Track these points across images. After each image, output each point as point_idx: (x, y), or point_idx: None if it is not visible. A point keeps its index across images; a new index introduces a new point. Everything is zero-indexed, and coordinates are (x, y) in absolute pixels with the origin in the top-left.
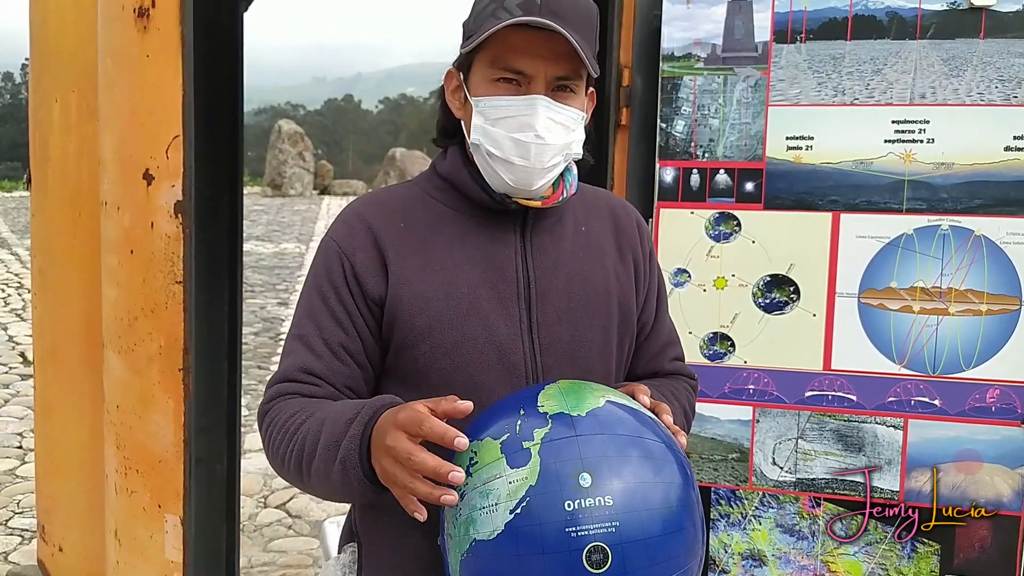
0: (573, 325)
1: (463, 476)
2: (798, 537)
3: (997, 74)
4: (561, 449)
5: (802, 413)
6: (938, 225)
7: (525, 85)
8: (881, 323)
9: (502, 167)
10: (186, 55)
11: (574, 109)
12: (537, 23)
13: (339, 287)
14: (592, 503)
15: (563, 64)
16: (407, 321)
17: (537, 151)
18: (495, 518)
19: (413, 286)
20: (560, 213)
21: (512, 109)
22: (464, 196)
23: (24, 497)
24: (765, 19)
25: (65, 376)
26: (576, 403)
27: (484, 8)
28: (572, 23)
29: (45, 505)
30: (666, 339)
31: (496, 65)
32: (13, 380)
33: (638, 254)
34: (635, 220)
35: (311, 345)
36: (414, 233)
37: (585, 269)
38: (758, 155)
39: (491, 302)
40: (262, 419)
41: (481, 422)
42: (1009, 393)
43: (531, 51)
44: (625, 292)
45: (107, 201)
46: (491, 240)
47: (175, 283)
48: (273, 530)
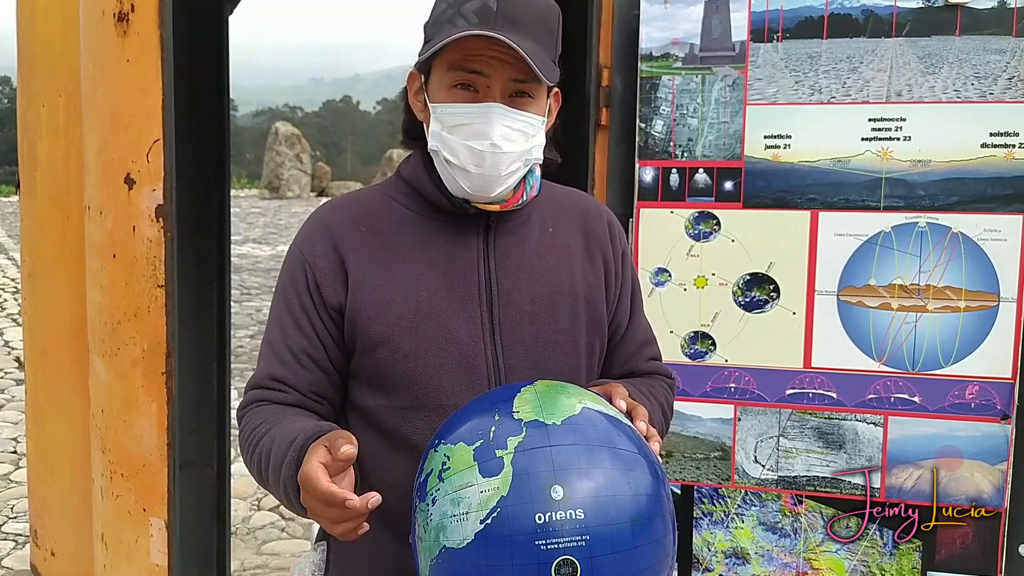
0: (537, 326)
1: (377, 498)
2: (781, 535)
3: (973, 71)
4: (534, 459)
5: (783, 411)
6: (916, 222)
7: (483, 91)
8: (860, 320)
9: (459, 174)
10: (166, 59)
11: (532, 115)
12: (491, 37)
13: (302, 295)
14: (563, 516)
15: (519, 68)
16: (366, 325)
17: (493, 160)
18: (465, 527)
19: (372, 291)
20: (525, 214)
21: (468, 117)
22: (425, 199)
23: (18, 502)
24: (742, 18)
25: (55, 380)
26: (552, 410)
27: (442, 13)
28: (529, 30)
29: (37, 509)
30: (642, 339)
31: (452, 69)
32: (8, 385)
33: (609, 254)
34: (607, 220)
35: (277, 352)
36: (375, 238)
37: (550, 269)
38: (737, 154)
39: (451, 304)
40: (238, 424)
41: (455, 422)
42: (988, 389)
43: (487, 57)
44: (594, 292)
45: (90, 205)
46: (453, 243)
47: (157, 287)
48: (266, 533)
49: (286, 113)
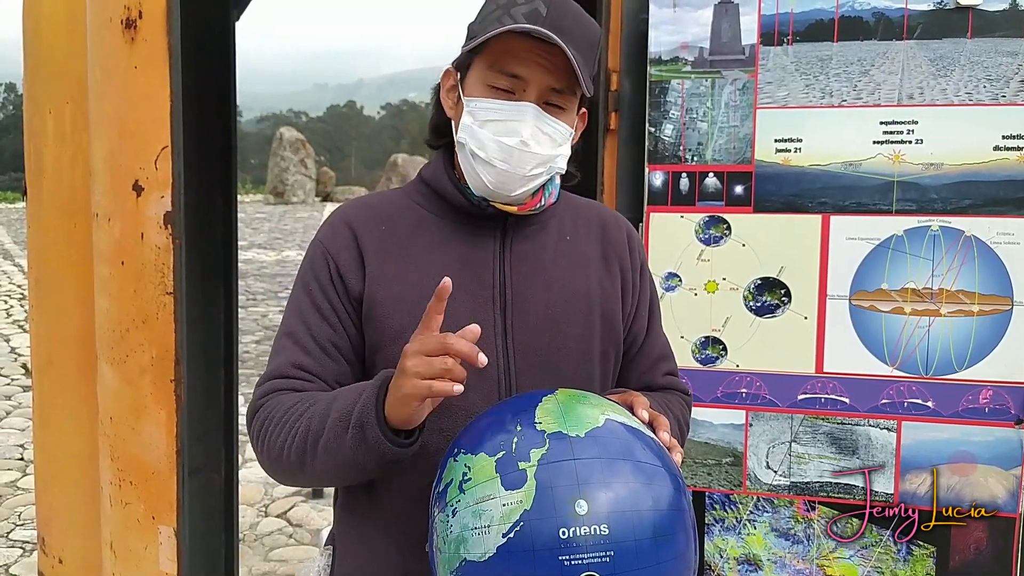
0: (550, 332)
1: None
2: (793, 541)
3: (985, 73)
4: (558, 473)
5: (795, 416)
6: (928, 226)
7: (519, 93)
8: (873, 325)
9: (483, 168)
10: (174, 66)
11: (563, 124)
12: (539, 34)
13: (325, 286)
14: (587, 531)
15: (558, 77)
16: (381, 321)
17: (520, 157)
18: (487, 540)
19: (388, 286)
20: (543, 221)
21: (502, 113)
22: (445, 201)
23: (25, 509)
24: (752, 22)
25: (62, 387)
26: (574, 422)
27: (491, 13)
28: (573, 40)
29: (44, 516)
30: (659, 353)
31: (493, 69)
32: (15, 392)
33: (627, 265)
34: (626, 231)
35: (301, 342)
36: (394, 236)
37: (566, 277)
38: (747, 158)
39: (465, 305)
40: (253, 415)
41: (474, 431)
42: (1002, 394)
43: (529, 59)
44: (609, 302)
45: (98, 212)
46: (470, 245)
47: (165, 294)
48: (274, 539)
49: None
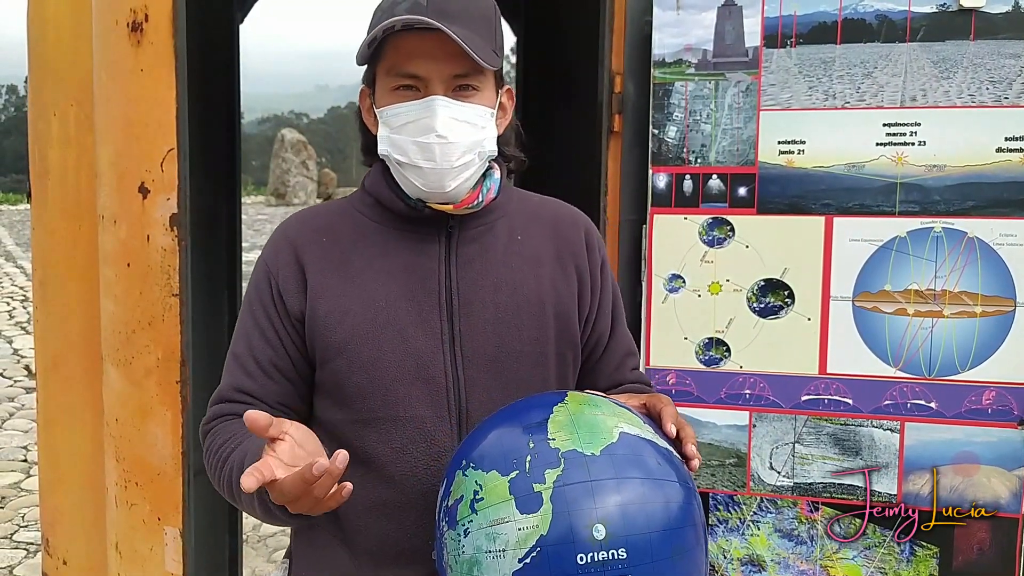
0: (500, 335)
1: (344, 459)
2: (797, 542)
3: (988, 75)
4: (574, 496)
5: (798, 417)
6: (931, 227)
7: (424, 89)
8: (876, 326)
9: (412, 173)
10: (179, 68)
11: (479, 106)
12: (420, 23)
13: (267, 306)
14: (606, 556)
15: (458, 63)
16: (324, 335)
17: (442, 151)
18: (502, 565)
19: (330, 300)
20: (491, 222)
21: (411, 114)
22: (386, 208)
23: (29, 511)
24: (755, 24)
25: (67, 388)
26: (589, 437)
27: (378, 20)
28: (462, 20)
29: (48, 518)
30: (626, 349)
31: (392, 73)
32: (18, 393)
33: (583, 264)
34: (583, 229)
35: (244, 364)
36: (336, 248)
37: (516, 278)
38: (750, 160)
39: (410, 314)
40: (203, 440)
41: (482, 442)
42: (1005, 395)
43: (423, 54)
44: (564, 302)
45: (104, 214)
46: (414, 252)
47: (171, 296)
48: (277, 540)
49: (292, 120)
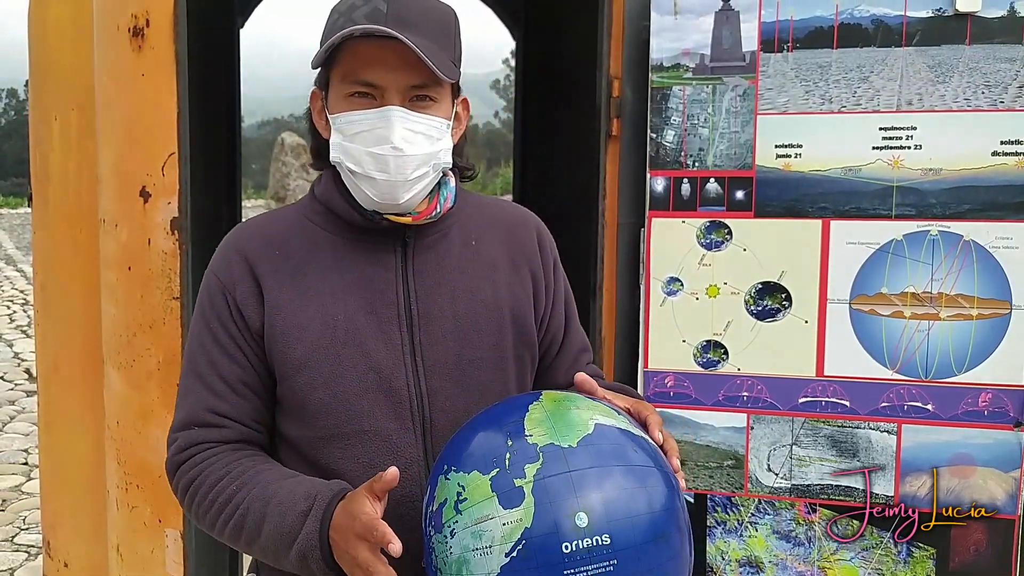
0: (460, 343)
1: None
2: (795, 543)
3: (983, 79)
4: (555, 488)
5: (796, 419)
6: (927, 230)
7: (380, 98)
8: (873, 329)
9: (365, 183)
10: (181, 73)
11: (435, 117)
12: (378, 31)
13: (226, 321)
14: (590, 543)
15: (416, 73)
16: (283, 352)
17: (397, 163)
18: (490, 561)
19: (287, 316)
20: (445, 229)
21: (367, 123)
22: (339, 218)
23: (30, 513)
24: (752, 29)
25: (68, 392)
26: (565, 430)
27: (335, 23)
28: (422, 31)
29: (50, 521)
30: (580, 345)
31: (347, 80)
32: (19, 396)
33: (536, 265)
34: (535, 231)
35: (210, 384)
36: (290, 261)
37: (473, 285)
38: (748, 163)
39: (370, 327)
40: (175, 472)
41: (462, 446)
42: (1001, 397)
43: (381, 62)
44: (520, 305)
45: (105, 218)
46: (370, 263)
47: (172, 299)
48: None
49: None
